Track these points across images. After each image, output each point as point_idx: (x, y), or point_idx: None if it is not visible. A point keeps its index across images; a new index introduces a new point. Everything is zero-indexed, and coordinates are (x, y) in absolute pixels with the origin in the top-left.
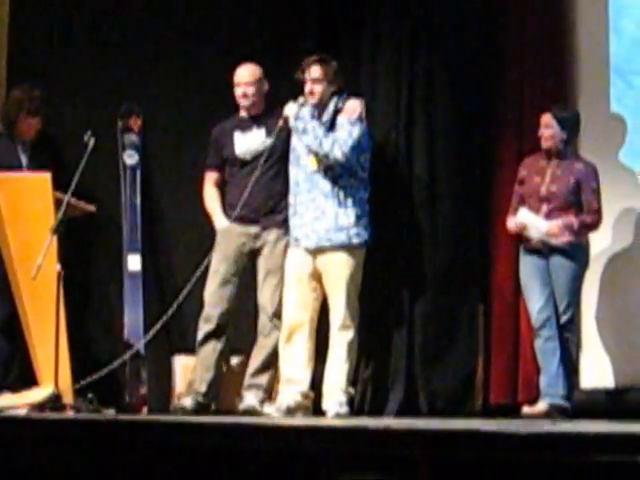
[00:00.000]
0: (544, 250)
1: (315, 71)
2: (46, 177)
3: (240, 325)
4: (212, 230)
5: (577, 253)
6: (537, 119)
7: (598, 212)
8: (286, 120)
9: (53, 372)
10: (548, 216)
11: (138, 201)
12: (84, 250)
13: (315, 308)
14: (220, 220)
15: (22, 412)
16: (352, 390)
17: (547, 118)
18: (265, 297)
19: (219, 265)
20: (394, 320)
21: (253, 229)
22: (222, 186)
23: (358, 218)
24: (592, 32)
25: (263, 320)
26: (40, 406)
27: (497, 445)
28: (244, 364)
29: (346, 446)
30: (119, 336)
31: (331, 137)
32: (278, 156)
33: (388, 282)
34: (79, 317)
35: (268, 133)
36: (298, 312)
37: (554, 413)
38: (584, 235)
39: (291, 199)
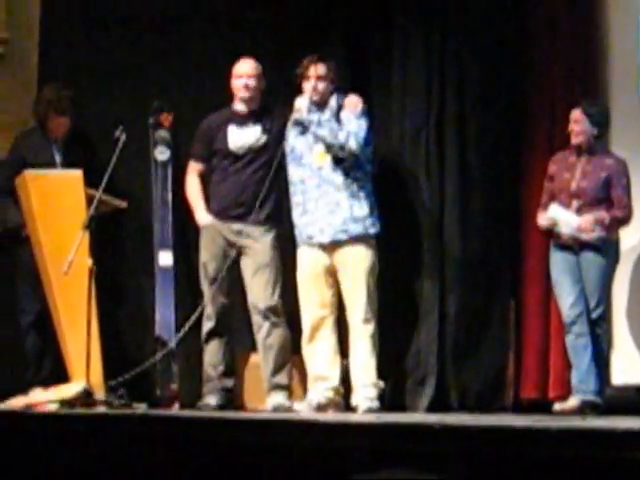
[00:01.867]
0: (575, 246)
1: (320, 68)
2: (78, 174)
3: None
4: None
5: (608, 249)
6: (567, 114)
7: (629, 207)
8: (299, 112)
9: (84, 368)
10: (579, 212)
11: (169, 197)
12: (115, 246)
13: (333, 303)
14: (202, 216)
15: (53, 408)
16: (382, 383)
17: (577, 114)
18: (255, 295)
19: (207, 262)
20: (425, 316)
21: (236, 225)
22: (205, 178)
23: (371, 210)
24: (623, 27)
25: (256, 320)
26: (71, 402)
27: (528, 441)
28: None
29: (377, 442)
30: (151, 331)
31: (345, 129)
32: (269, 154)
33: (420, 278)
34: (110, 313)
35: (264, 130)
36: (318, 310)
37: (585, 409)
38: (615, 230)
39: (297, 198)
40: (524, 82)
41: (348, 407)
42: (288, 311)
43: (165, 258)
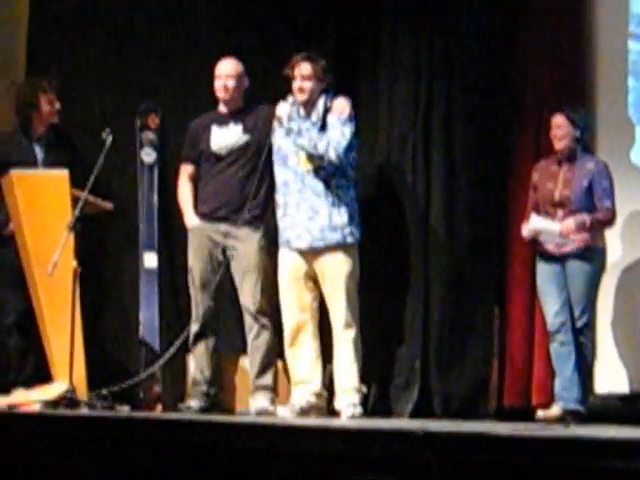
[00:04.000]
0: (559, 254)
1: (305, 68)
2: (64, 174)
3: (243, 323)
4: None
5: (593, 257)
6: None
7: (610, 209)
8: (279, 120)
9: (68, 368)
10: (563, 221)
11: (155, 199)
12: (100, 247)
13: (314, 308)
14: (190, 218)
15: (36, 408)
16: (364, 388)
17: (559, 118)
18: (246, 297)
19: (195, 264)
20: (410, 322)
21: (223, 227)
22: (197, 180)
23: (351, 217)
24: (610, 35)
25: (248, 321)
26: (54, 402)
27: (510, 448)
28: None
29: (359, 448)
30: (135, 333)
31: (325, 138)
32: (252, 153)
33: (404, 284)
34: (95, 314)
35: (245, 130)
36: (298, 314)
37: (568, 417)
38: (599, 233)
39: (280, 200)
40: (511, 87)
41: (332, 411)
42: (275, 313)
43: (150, 260)
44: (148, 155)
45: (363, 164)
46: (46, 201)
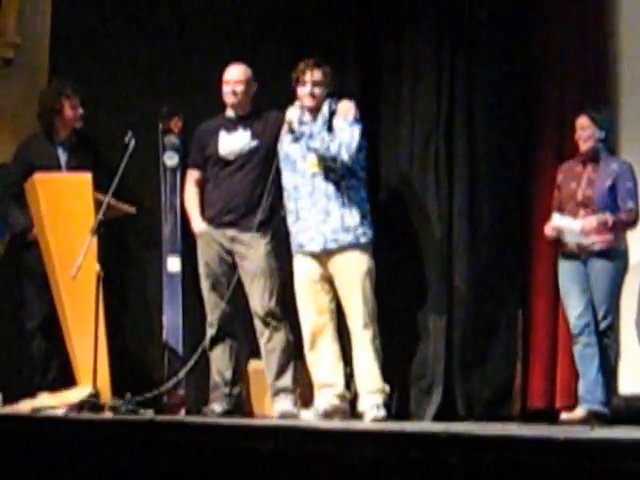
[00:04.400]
0: (582, 255)
1: (317, 74)
2: (87, 178)
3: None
4: None
5: (616, 258)
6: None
7: (634, 210)
8: (290, 124)
9: (91, 372)
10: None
11: (178, 202)
12: (123, 251)
13: (332, 310)
14: (197, 224)
15: (60, 412)
16: (388, 388)
17: (583, 120)
18: (255, 301)
19: (205, 269)
20: (433, 324)
21: (230, 232)
22: (203, 185)
23: (363, 217)
24: (633, 32)
25: (258, 325)
26: (78, 407)
27: (534, 451)
28: None
29: (383, 450)
30: (158, 337)
31: (337, 140)
32: (260, 158)
33: (427, 286)
34: (118, 318)
35: (253, 135)
36: (316, 317)
37: (592, 419)
38: (621, 232)
39: (291, 205)
40: (533, 91)
41: (354, 413)
42: (291, 315)
43: (173, 264)
44: (170, 159)
45: (387, 168)
46: (69, 204)
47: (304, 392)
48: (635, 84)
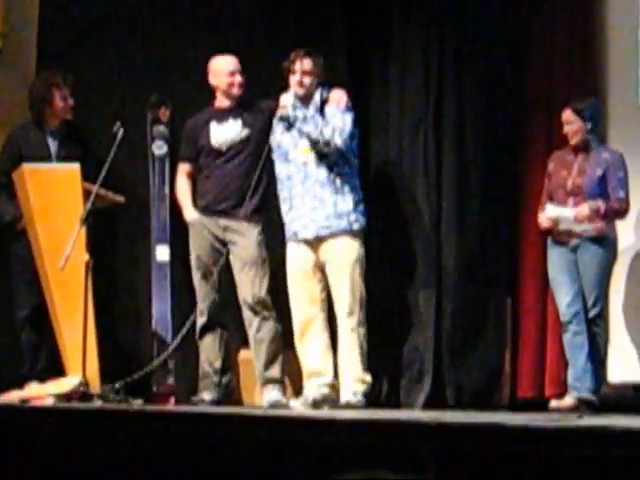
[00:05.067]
0: (571, 242)
1: (307, 63)
2: (75, 168)
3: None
4: None
5: (605, 246)
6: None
7: (625, 200)
8: (284, 109)
9: (81, 362)
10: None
11: (167, 192)
12: (112, 240)
13: (323, 299)
14: (189, 213)
15: (49, 402)
16: (369, 377)
17: (568, 114)
18: (244, 290)
19: (196, 258)
20: (422, 313)
21: (222, 221)
22: (195, 177)
23: (356, 204)
24: (622, 25)
25: (247, 315)
26: (67, 396)
27: (524, 439)
28: None
29: (371, 439)
30: (147, 326)
31: (330, 125)
32: (252, 147)
33: (416, 274)
34: (107, 307)
35: (245, 124)
36: (307, 307)
37: (581, 407)
38: (611, 221)
39: (284, 194)
40: (523, 78)
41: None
42: (280, 305)
43: (162, 253)
44: (159, 148)
45: (376, 154)
46: (58, 195)
47: (294, 381)
48: (622, 74)
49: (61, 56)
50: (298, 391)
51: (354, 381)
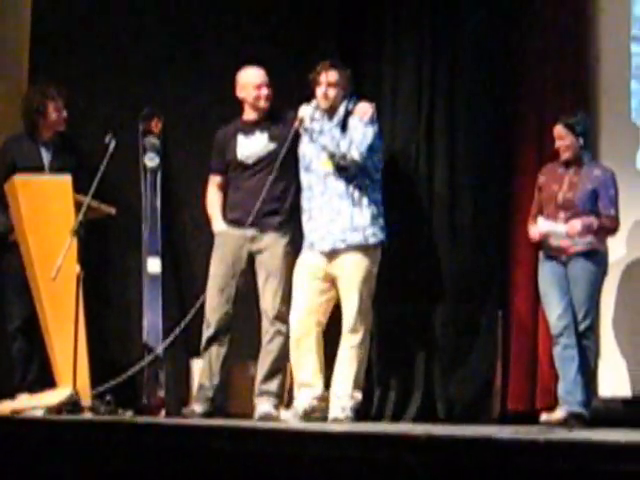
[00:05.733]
0: (562, 256)
1: (332, 75)
2: (67, 180)
3: (253, 330)
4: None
5: (596, 260)
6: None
7: (615, 218)
8: (301, 121)
9: (71, 374)
10: (566, 223)
11: (158, 204)
12: (104, 252)
13: (324, 311)
14: (218, 224)
15: (40, 414)
16: (359, 395)
17: (559, 130)
18: (267, 301)
19: (217, 269)
20: (413, 326)
21: (250, 232)
22: (225, 189)
23: (374, 218)
24: (613, 38)
25: (265, 325)
26: (58, 408)
27: (514, 452)
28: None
29: (362, 452)
30: (138, 338)
31: (347, 137)
32: (280, 161)
33: (407, 288)
34: (98, 319)
35: (271, 138)
36: (305, 317)
37: (572, 421)
38: (603, 238)
39: (305, 205)
40: (514, 92)
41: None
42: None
43: (153, 265)
44: (151, 160)
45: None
46: (49, 206)
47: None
48: (614, 88)
49: (53, 66)
50: (288, 403)
51: (344, 396)
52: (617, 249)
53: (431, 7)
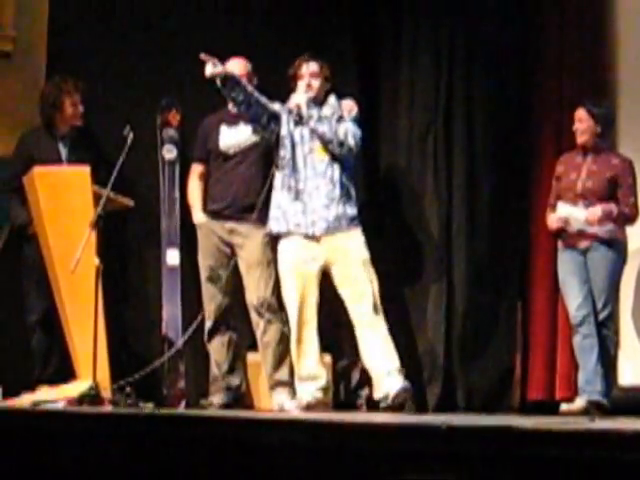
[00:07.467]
0: (582, 245)
1: (313, 65)
2: (85, 171)
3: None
4: None
5: (615, 249)
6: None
7: (635, 206)
8: (299, 107)
9: (91, 366)
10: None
11: (177, 195)
12: (123, 244)
13: (317, 298)
14: (197, 215)
15: (60, 406)
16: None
17: (581, 112)
18: (250, 293)
19: (204, 260)
20: (432, 316)
21: (228, 224)
22: (207, 179)
23: (359, 209)
24: (633, 27)
25: (254, 318)
26: (78, 400)
27: (534, 442)
28: None
29: (381, 442)
30: (157, 330)
31: (343, 126)
32: (261, 153)
33: (426, 278)
34: (117, 311)
35: (255, 130)
36: (304, 309)
37: (592, 410)
38: (621, 226)
39: (290, 183)
40: (532, 81)
41: (339, 406)
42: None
43: (172, 257)
44: (169, 152)
45: (385, 161)
46: (68, 198)
47: None
48: (634, 79)
49: (71, 60)
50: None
51: (394, 371)
52: (636, 238)
53: None
